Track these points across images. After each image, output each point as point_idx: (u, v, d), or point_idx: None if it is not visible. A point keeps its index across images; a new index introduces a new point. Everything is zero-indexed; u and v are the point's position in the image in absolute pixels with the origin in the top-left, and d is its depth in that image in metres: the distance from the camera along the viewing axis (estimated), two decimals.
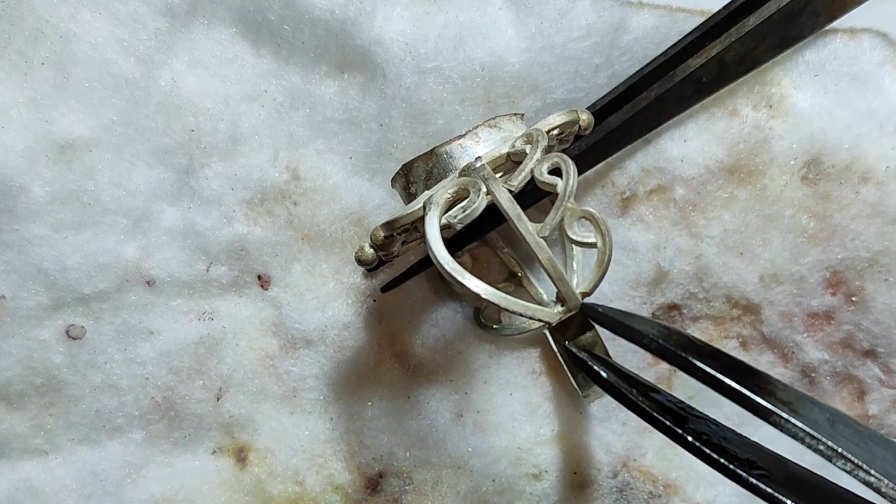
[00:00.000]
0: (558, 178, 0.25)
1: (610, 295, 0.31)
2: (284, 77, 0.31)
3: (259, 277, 0.31)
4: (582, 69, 0.30)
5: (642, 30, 0.30)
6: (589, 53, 0.30)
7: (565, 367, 0.28)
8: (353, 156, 0.31)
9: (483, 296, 0.23)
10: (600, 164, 0.30)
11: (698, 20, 0.30)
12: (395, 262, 0.31)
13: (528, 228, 0.25)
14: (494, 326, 0.31)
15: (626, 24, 0.30)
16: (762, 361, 0.31)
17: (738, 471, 0.21)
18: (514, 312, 0.24)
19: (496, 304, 0.24)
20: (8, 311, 0.30)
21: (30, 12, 0.29)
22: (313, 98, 0.31)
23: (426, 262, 0.30)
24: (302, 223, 0.31)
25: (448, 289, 0.31)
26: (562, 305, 0.25)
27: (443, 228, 0.25)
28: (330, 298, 0.31)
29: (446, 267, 0.24)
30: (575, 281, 0.30)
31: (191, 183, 0.31)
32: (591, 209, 0.25)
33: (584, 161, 0.30)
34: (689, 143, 0.30)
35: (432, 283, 0.31)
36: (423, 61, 0.30)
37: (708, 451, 0.22)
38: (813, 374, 0.31)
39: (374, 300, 0.31)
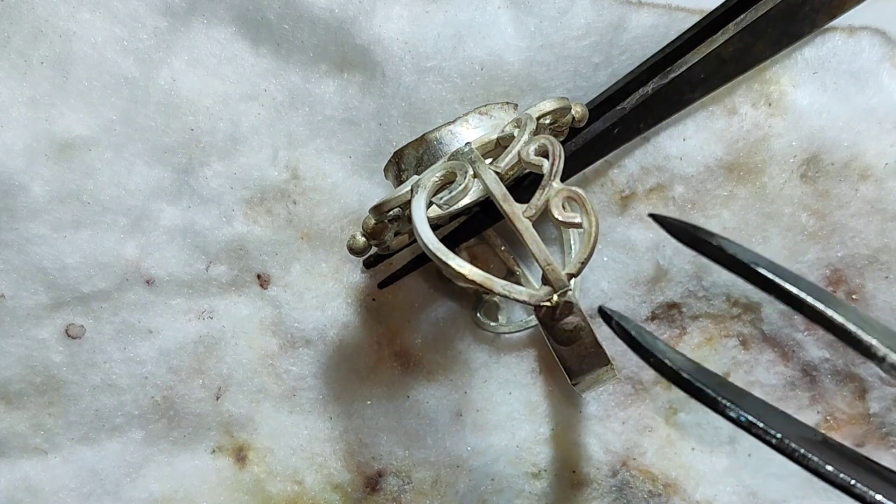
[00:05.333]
0: (545, 159, 0.25)
1: (609, 293, 0.31)
2: (284, 76, 0.31)
3: (258, 276, 0.31)
4: (581, 68, 0.30)
5: (641, 28, 0.30)
6: (588, 52, 0.30)
7: (554, 353, 0.27)
8: (353, 155, 0.31)
9: (468, 276, 0.23)
10: (599, 163, 0.30)
11: (697, 19, 0.30)
12: (393, 261, 0.31)
13: (513, 209, 0.24)
14: (492, 324, 0.31)
15: (625, 22, 0.30)
16: (762, 360, 0.31)
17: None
18: (495, 293, 0.23)
19: (480, 285, 0.23)
20: (7, 311, 0.30)
21: (29, 11, 0.29)
22: (312, 97, 0.31)
23: (424, 258, 0.30)
24: (301, 222, 0.31)
25: (447, 287, 0.31)
26: (549, 288, 0.25)
27: (433, 220, 0.24)
28: (329, 297, 0.31)
29: (430, 247, 0.24)
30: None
31: (190, 182, 0.31)
32: (577, 189, 0.24)
33: (583, 159, 0.30)
34: (688, 142, 0.30)
35: (431, 282, 0.31)
36: (423, 60, 0.30)
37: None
38: (814, 373, 0.31)
39: (374, 299, 0.31)
